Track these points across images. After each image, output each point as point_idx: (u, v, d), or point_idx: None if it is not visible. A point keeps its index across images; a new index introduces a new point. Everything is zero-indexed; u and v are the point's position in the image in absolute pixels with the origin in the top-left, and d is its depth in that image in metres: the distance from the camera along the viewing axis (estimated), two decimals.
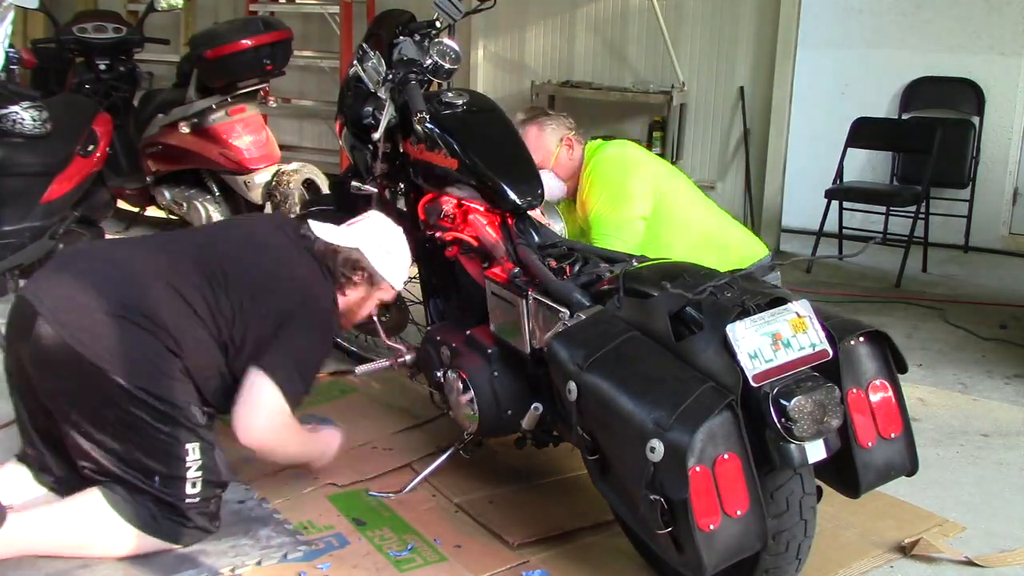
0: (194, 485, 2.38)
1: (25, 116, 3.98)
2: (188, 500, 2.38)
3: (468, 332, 2.71)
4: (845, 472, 2.06)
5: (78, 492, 2.40)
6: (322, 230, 2.65)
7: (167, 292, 2.40)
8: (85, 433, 2.35)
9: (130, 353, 2.31)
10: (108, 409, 2.32)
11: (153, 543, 2.38)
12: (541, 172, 3.03)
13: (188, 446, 2.36)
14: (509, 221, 2.70)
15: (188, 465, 2.36)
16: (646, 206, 3.18)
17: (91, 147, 4.30)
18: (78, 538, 2.36)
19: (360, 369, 2.97)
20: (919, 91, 5.55)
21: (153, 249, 2.55)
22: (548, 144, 3.26)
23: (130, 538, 2.36)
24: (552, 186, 3.18)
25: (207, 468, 2.39)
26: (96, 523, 2.35)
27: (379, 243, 2.68)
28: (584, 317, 2.28)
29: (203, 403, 2.44)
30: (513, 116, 3.21)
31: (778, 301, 2.02)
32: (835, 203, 5.27)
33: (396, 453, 2.96)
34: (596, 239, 3.15)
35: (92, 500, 2.36)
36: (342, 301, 2.65)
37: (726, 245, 3.23)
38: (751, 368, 1.91)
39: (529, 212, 2.73)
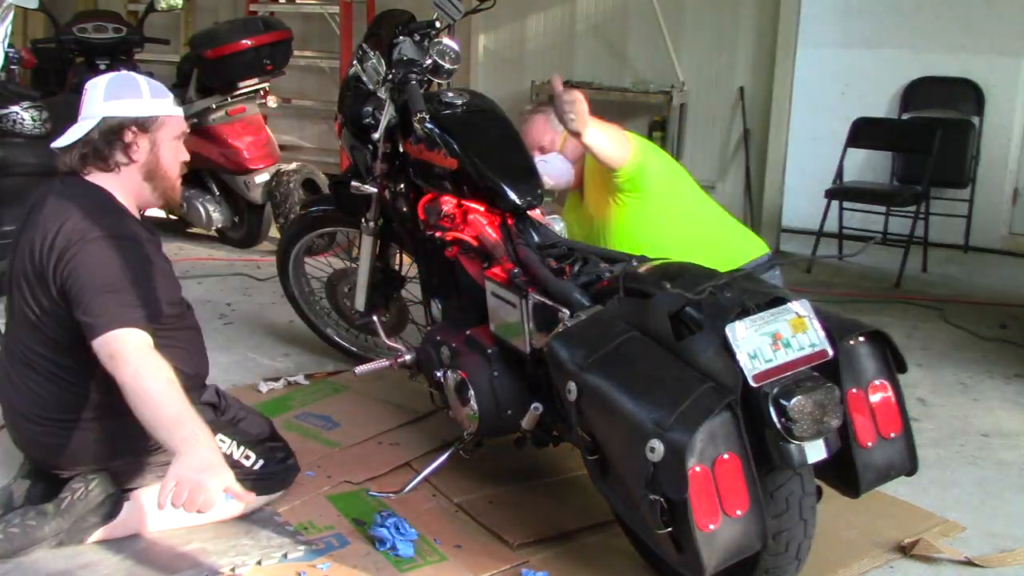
0: (248, 457, 2.53)
1: (25, 116, 3.98)
2: (256, 468, 2.54)
3: (468, 332, 2.71)
4: (845, 472, 2.06)
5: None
6: (63, 140, 2.45)
7: (39, 377, 2.39)
8: (145, 483, 2.51)
9: (94, 443, 2.39)
10: (138, 473, 2.48)
11: (261, 499, 2.56)
12: (551, 156, 3.13)
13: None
14: (509, 221, 2.70)
15: (228, 452, 2.49)
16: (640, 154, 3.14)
17: None
18: (191, 516, 2.39)
19: (360, 369, 2.97)
20: (919, 91, 5.54)
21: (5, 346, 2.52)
22: (556, 126, 3.14)
23: (239, 503, 2.45)
24: (561, 169, 3.14)
25: (243, 439, 2.54)
26: None
27: (116, 95, 2.42)
28: (584, 317, 2.28)
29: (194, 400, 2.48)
30: (516, 116, 3.21)
31: (778, 301, 2.02)
32: (835, 203, 5.27)
33: (399, 449, 2.96)
34: None
35: None
36: (139, 169, 2.43)
37: (724, 242, 3.21)
38: (751, 368, 1.91)
39: (529, 212, 2.73)
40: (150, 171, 2.45)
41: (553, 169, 3.10)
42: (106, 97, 2.41)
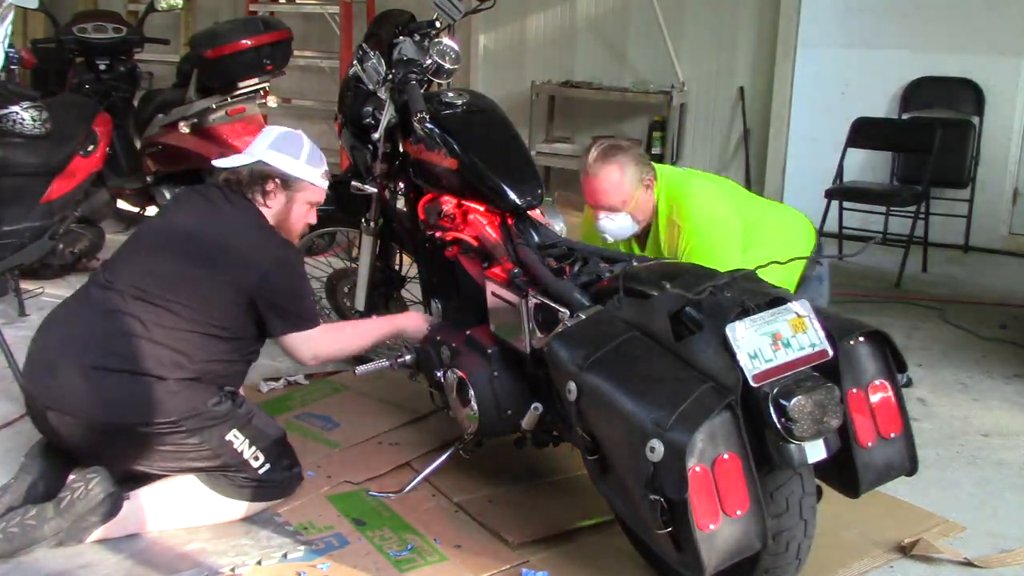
0: (257, 458, 2.54)
1: (25, 116, 3.98)
2: (262, 471, 2.55)
3: (468, 332, 2.71)
4: (845, 472, 2.06)
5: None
6: (225, 163, 2.73)
7: (130, 323, 2.46)
8: (148, 468, 2.52)
9: (130, 398, 2.42)
10: (149, 449, 2.47)
11: (262, 504, 2.58)
12: (620, 216, 2.93)
13: (228, 437, 2.50)
14: (509, 221, 2.70)
15: (240, 449, 2.51)
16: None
17: (91, 147, 4.31)
18: (191, 518, 2.52)
19: (360, 369, 2.96)
20: (919, 91, 5.54)
21: (101, 287, 2.57)
22: (629, 188, 2.92)
23: (239, 507, 2.55)
24: (627, 229, 2.98)
25: (256, 438, 2.56)
26: (204, 502, 2.52)
27: (279, 147, 2.69)
28: (584, 317, 2.28)
29: (220, 388, 2.53)
30: (517, 117, 3.12)
31: (778, 301, 2.02)
32: (835, 203, 5.27)
33: (399, 449, 2.96)
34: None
35: (192, 485, 2.52)
36: (269, 216, 2.68)
37: (793, 241, 3.14)
38: (751, 368, 1.91)
39: (529, 212, 2.73)
40: (278, 221, 2.70)
41: (618, 229, 2.97)
42: (270, 146, 2.69)
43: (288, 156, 2.69)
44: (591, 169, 2.93)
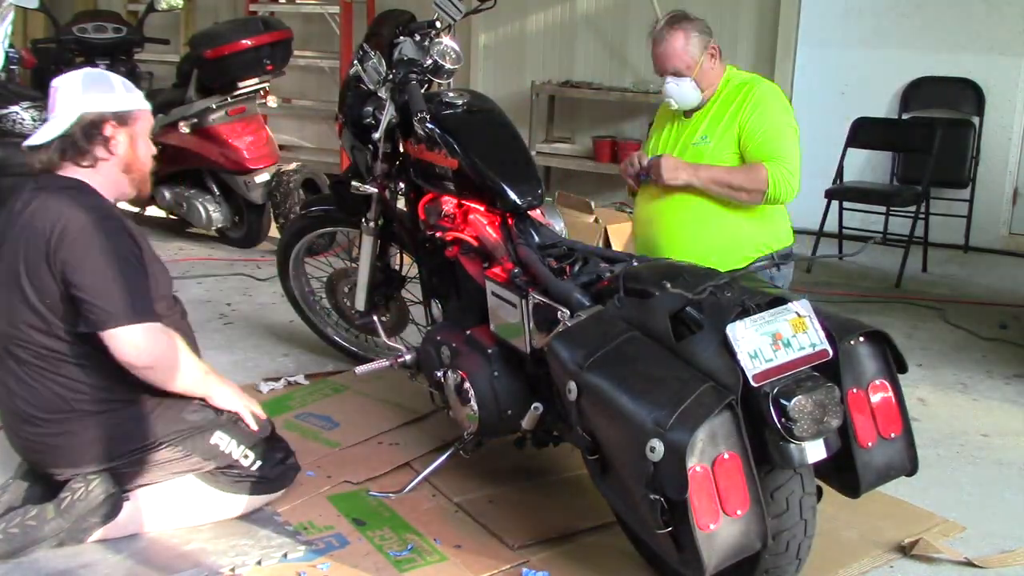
0: (247, 456, 2.53)
1: (25, 116, 3.98)
2: (254, 467, 2.55)
3: (468, 332, 2.71)
4: (845, 472, 2.06)
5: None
6: (38, 136, 2.44)
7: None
8: (141, 481, 2.49)
9: (100, 439, 2.39)
10: (139, 468, 2.45)
11: (261, 499, 2.59)
12: (684, 81, 3.09)
13: (213, 441, 2.49)
14: (509, 221, 2.70)
15: (227, 451, 2.51)
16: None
17: None
18: (191, 516, 2.52)
19: (360, 369, 2.97)
20: (919, 91, 5.54)
21: None
22: (694, 53, 3.09)
23: (239, 503, 2.55)
24: (691, 96, 3.11)
25: (242, 438, 2.53)
26: (204, 499, 2.52)
27: (89, 90, 2.42)
28: (584, 317, 2.28)
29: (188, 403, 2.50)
30: (515, 115, 3.17)
31: (778, 301, 2.02)
32: (835, 203, 5.27)
33: (399, 449, 2.96)
34: (773, 160, 3.16)
35: (191, 483, 2.52)
36: (118, 162, 2.45)
37: (773, 222, 3.31)
38: (751, 368, 1.91)
39: (529, 212, 2.73)
40: (128, 164, 2.49)
41: (682, 95, 3.11)
42: (83, 91, 2.42)
43: (106, 94, 2.44)
44: (658, 35, 3.11)
